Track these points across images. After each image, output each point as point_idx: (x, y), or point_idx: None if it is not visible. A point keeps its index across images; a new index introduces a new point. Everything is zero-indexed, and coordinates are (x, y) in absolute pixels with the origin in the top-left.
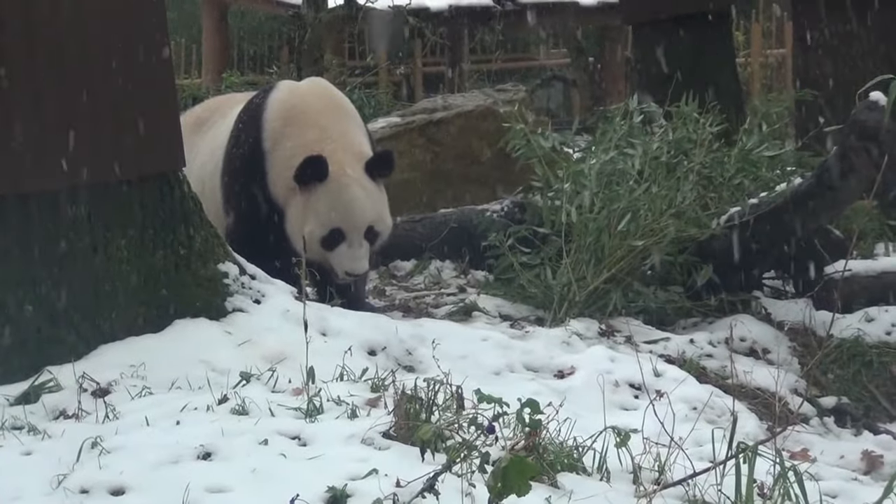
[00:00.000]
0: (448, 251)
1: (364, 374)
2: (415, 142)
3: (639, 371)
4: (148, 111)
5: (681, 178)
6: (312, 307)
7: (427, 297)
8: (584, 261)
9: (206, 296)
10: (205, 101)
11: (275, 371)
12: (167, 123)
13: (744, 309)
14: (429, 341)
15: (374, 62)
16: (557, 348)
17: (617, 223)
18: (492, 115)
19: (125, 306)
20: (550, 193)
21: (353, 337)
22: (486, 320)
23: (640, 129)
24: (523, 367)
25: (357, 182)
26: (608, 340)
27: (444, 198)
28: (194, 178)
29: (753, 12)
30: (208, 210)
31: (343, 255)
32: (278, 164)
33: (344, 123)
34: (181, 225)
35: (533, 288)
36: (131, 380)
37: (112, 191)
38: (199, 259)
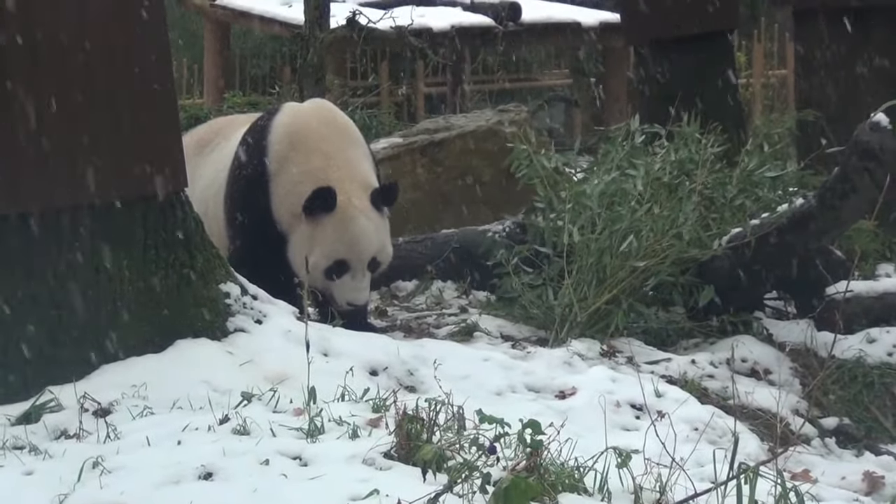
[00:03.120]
0: (450, 271)
1: (365, 394)
2: (417, 162)
3: (640, 391)
4: (150, 131)
5: (683, 198)
6: (314, 327)
7: (429, 318)
8: (585, 281)
9: (207, 316)
10: (207, 122)
11: (276, 391)
12: (169, 144)
13: (745, 330)
14: (430, 362)
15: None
16: (559, 369)
17: (619, 244)
18: (494, 135)
19: (127, 326)
20: (552, 214)
21: (354, 357)
22: (487, 341)
23: (642, 149)
24: (525, 388)
25: (363, 214)
26: (610, 361)
27: (445, 218)
28: (197, 200)
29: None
30: (211, 231)
31: (346, 286)
32: (282, 189)
33: (349, 150)
34: (183, 245)
35: (535, 308)
36: (132, 400)
37: (114, 211)
38: (201, 279)
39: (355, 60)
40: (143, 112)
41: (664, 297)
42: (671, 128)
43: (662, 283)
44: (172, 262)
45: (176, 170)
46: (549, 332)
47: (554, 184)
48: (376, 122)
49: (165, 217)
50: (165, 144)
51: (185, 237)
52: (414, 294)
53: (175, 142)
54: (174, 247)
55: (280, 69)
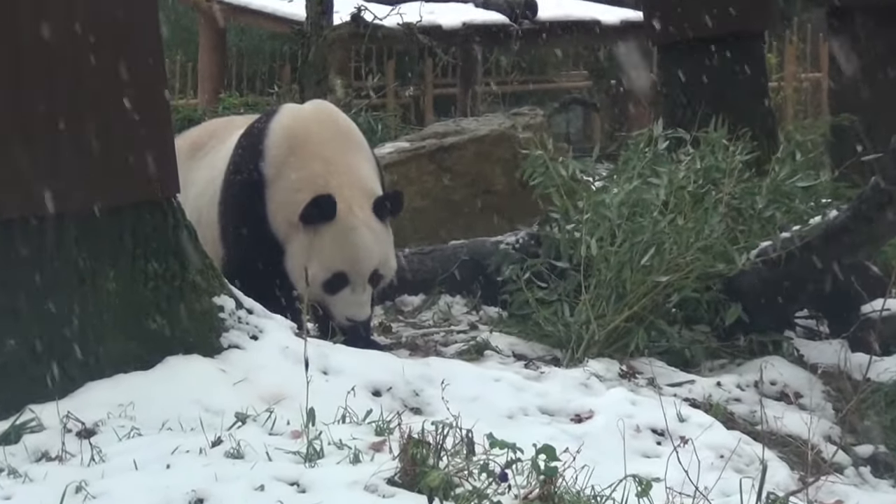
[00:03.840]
0: (459, 285)
1: (368, 415)
2: (424, 168)
3: (662, 415)
4: (140, 134)
5: (708, 209)
6: (313, 344)
7: (436, 335)
8: (604, 297)
9: (200, 331)
10: (202, 124)
11: (272, 412)
12: (160, 147)
13: (775, 350)
14: (437, 382)
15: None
16: (575, 390)
17: (640, 257)
18: (507, 140)
19: (113, 341)
20: (569, 225)
21: (356, 376)
22: (498, 360)
23: (665, 156)
24: (538, 411)
25: (365, 224)
26: (629, 383)
27: (455, 228)
28: (190, 207)
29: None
30: (205, 240)
31: (345, 300)
32: (280, 196)
33: (351, 155)
34: (174, 255)
35: (549, 326)
36: (119, 420)
37: (101, 218)
38: (193, 292)
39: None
40: (132, 113)
41: (688, 314)
42: (697, 133)
43: (686, 300)
44: (163, 273)
45: (167, 175)
46: (564, 352)
47: (571, 193)
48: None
49: (156, 225)
50: (156, 147)
51: (177, 246)
52: (420, 309)
53: (167, 145)
54: (165, 257)
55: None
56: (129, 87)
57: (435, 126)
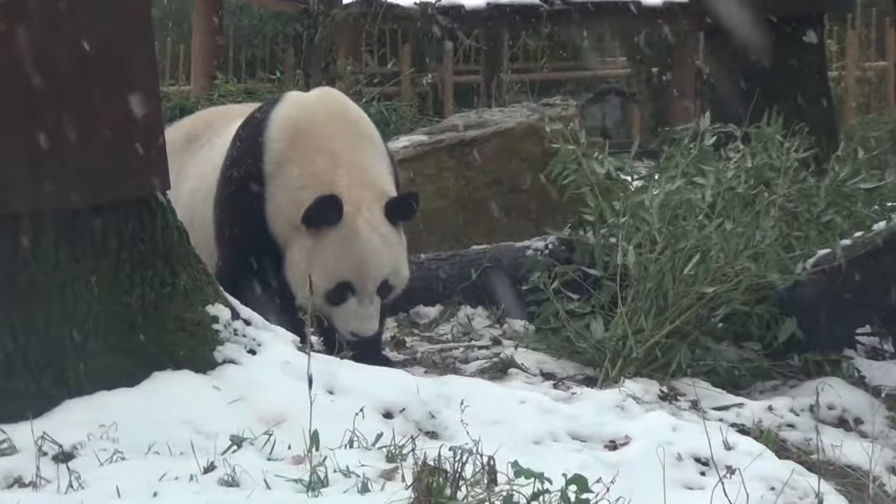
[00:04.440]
0: (480, 296)
1: (378, 440)
2: (443, 164)
3: (706, 442)
4: (126, 124)
5: (760, 213)
6: (318, 360)
7: (455, 351)
8: (642, 310)
9: (191, 343)
10: (196, 114)
11: (272, 435)
12: (149, 138)
13: (833, 371)
14: (456, 402)
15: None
16: (609, 414)
17: (683, 266)
18: (535, 134)
19: (95, 354)
20: (604, 229)
21: (365, 396)
22: (524, 379)
23: (712, 153)
24: (568, 436)
25: (374, 229)
26: (670, 405)
27: (476, 232)
28: (182, 206)
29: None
30: (197, 243)
31: (350, 313)
32: (281, 195)
33: (361, 149)
34: (164, 259)
35: (581, 341)
36: (100, 442)
37: (82, 217)
38: (185, 300)
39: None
40: (117, 101)
41: (736, 330)
42: (747, 128)
43: (735, 314)
44: (151, 278)
45: (156, 169)
46: (598, 370)
47: (606, 193)
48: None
49: (143, 225)
50: (144, 139)
51: (167, 249)
52: (437, 322)
53: (156, 136)
54: (153, 261)
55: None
56: (114, 72)
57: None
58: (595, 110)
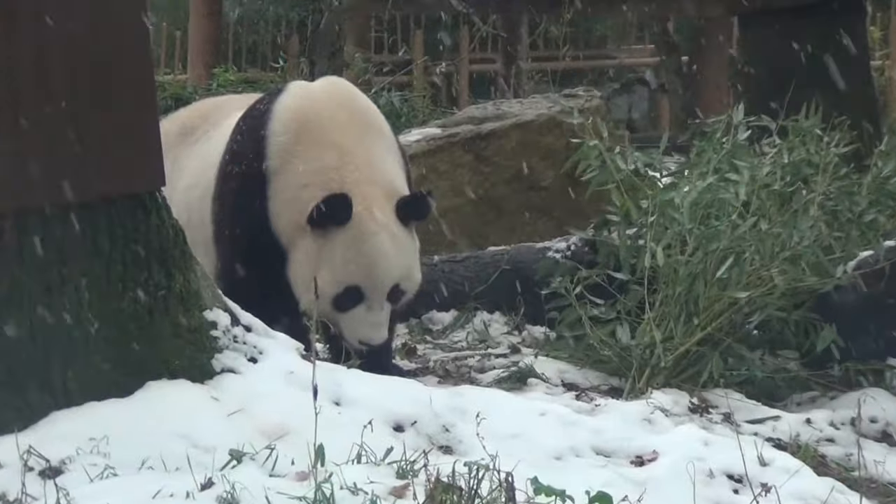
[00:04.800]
0: (498, 300)
1: (388, 454)
2: (458, 160)
3: (740, 458)
4: (117, 116)
5: (798, 212)
6: (323, 369)
7: (470, 359)
8: (672, 316)
9: (188, 351)
10: (192, 105)
11: (274, 449)
12: (142, 131)
13: (876, 381)
14: (471, 415)
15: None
16: (636, 427)
17: (715, 268)
18: (557, 127)
19: (84, 363)
20: (631, 229)
21: (374, 408)
22: (545, 389)
23: (746, 148)
24: (592, 451)
25: (385, 229)
26: (701, 418)
27: (493, 231)
28: (178, 203)
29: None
30: (194, 243)
31: (358, 320)
32: (284, 193)
33: (371, 144)
34: (158, 261)
35: (606, 349)
36: (90, 457)
37: (70, 217)
38: (181, 304)
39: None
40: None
41: (772, 337)
42: (784, 121)
43: (770, 320)
44: (144, 281)
45: (150, 165)
46: (623, 381)
47: (633, 190)
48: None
49: (136, 225)
50: (137, 132)
51: (162, 250)
52: (452, 328)
53: (150, 129)
54: (147, 262)
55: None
56: (105, 60)
57: (471, 109)
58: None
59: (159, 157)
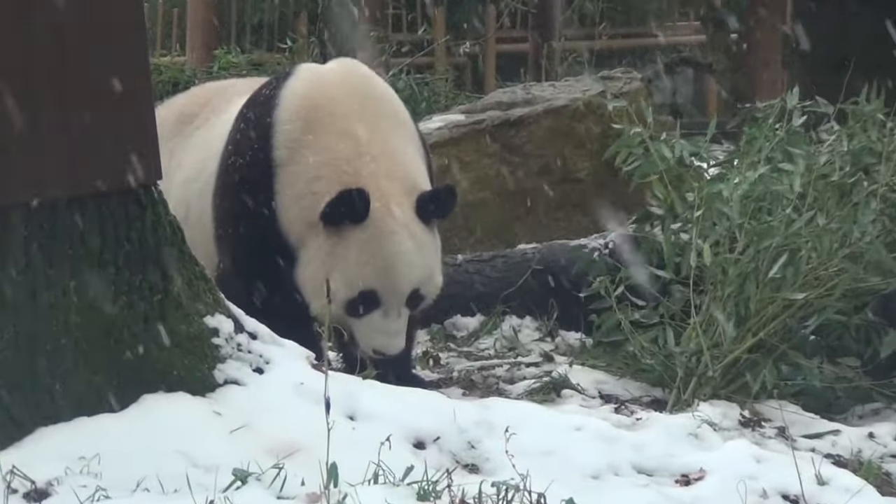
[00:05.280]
0: (529, 304)
1: (408, 474)
2: (484, 149)
3: (795, 477)
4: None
5: (859, 205)
6: (337, 380)
7: (498, 369)
8: (720, 320)
9: (187, 361)
10: (191, 90)
11: (282, 468)
12: (136, 119)
13: None
14: (500, 430)
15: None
16: (681, 443)
17: (768, 268)
18: (594, 112)
19: (74, 374)
20: (676, 224)
21: (392, 422)
22: (580, 402)
23: (801, 135)
24: (633, 469)
25: (405, 228)
26: (753, 433)
27: (524, 228)
28: (176, 199)
29: None
30: (193, 242)
31: (373, 328)
32: (294, 187)
33: (389, 132)
34: (154, 262)
35: (648, 357)
36: (80, 477)
37: (58, 214)
38: (179, 309)
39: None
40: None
41: (831, 343)
42: (844, 105)
43: (829, 325)
44: (139, 284)
45: (145, 156)
46: (667, 392)
47: (678, 182)
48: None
49: (130, 222)
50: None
51: (158, 250)
52: (478, 335)
53: (145, 117)
54: (142, 263)
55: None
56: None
57: (498, 93)
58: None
59: (155, 148)
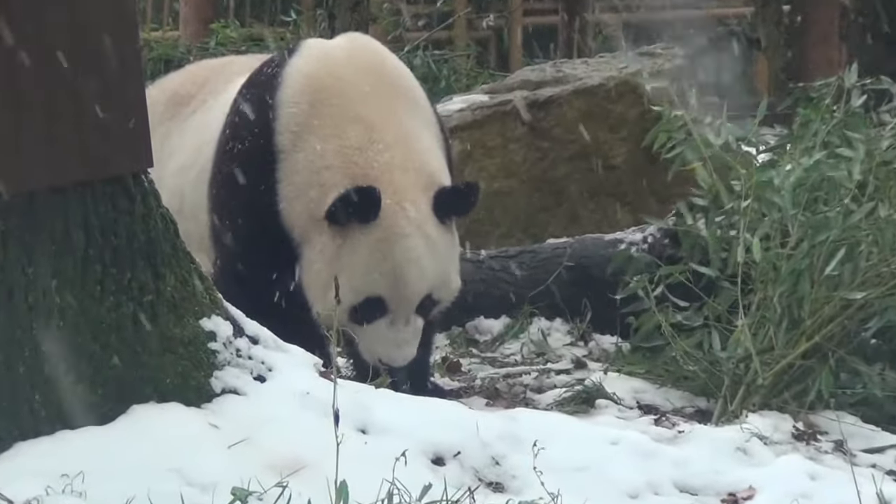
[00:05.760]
0: (559, 304)
1: (425, 493)
2: (510, 133)
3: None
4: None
5: None
6: (347, 388)
7: (525, 376)
8: (771, 322)
9: (181, 368)
10: (186, 68)
11: (286, 486)
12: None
13: None
14: (527, 444)
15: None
16: (728, 458)
17: (824, 264)
18: (631, 93)
19: (55, 383)
20: (721, 217)
21: (408, 436)
22: (616, 413)
23: (861, 117)
24: (674, 487)
25: (418, 230)
26: (807, 447)
27: (554, 220)
28: (168, 188)
29: None
30: (188, 236)
31: (379, 337)
32: (297, 176)
33: (404, 116)
34: (145, 258)
35: (691, 363)
36: (63, 497)
37: (38, 205)
38: (172, 311)
39: None
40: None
41: (894, 348)
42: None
43: (892, 327)
44: (128, 283)
45: (135, 142)
46: (713, 401)
47: (724, 170)
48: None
49: (118, 214)
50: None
51: (148, 246)
52: (503, 339)
53: (134, 98)
54: (131, 260)
55: None
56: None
57: (525, 72)
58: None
59: (146, 133)
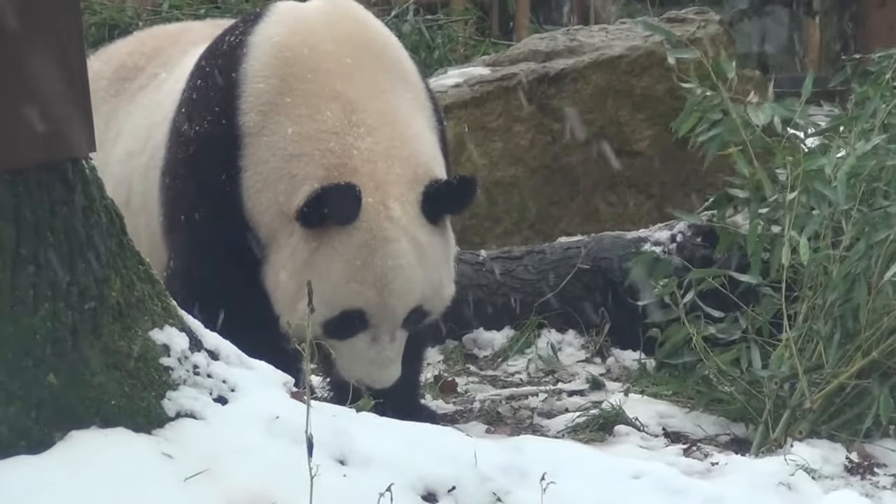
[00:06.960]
0: (571, 313)
1: None
2: (516, 112)
3: None
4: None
5: None
6: (323, 412)
7: (533, 398)
8: (821, 336)
9: (128, 387)
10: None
11: None
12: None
13: None
14: (535, 477)
15: None
16: (770, 494)
17: (883, 268)
18: (657, 65)
19: None
20: (763, 210)
21: (394, 468)
22: (639, 441)
23: None
24: None
25: (405, 233)
26: (862, 481)
27: (567, 214)
28: (114, 177)
29: None
30: (137, 233)
31: (360, 355)
32: (265, 164)
33: (390, 94)
34: (85, 258)
35: (727, 384)
36: None
37: None
38: (118, 320)
39: None
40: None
41: None
42: None
43: None
44: (66, 288)
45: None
46: (752, 428)
47: (767, 156)
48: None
49: (53, 206)
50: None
51: (90, 243)
52: (506, 354)
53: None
54: (69, 260)
55: None
56: None
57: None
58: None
59: (87, 112)
